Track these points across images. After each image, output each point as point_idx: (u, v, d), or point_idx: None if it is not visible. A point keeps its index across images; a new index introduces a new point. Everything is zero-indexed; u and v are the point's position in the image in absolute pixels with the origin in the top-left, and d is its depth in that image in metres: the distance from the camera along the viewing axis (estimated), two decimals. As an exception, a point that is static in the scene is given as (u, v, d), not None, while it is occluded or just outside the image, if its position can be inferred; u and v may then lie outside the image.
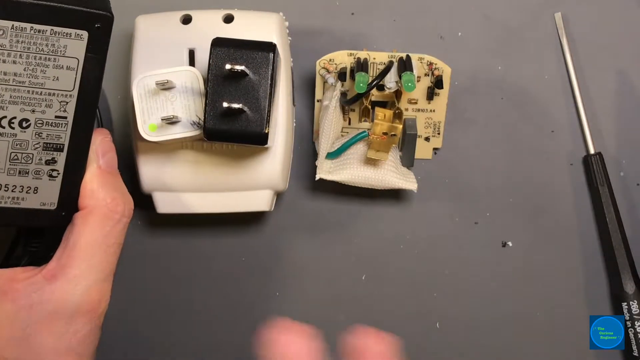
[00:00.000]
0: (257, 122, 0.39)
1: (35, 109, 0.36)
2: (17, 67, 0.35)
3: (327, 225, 0.51)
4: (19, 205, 0.37)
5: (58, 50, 0.35)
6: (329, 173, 0.46)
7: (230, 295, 0.51)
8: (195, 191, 0.45)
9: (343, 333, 0.33)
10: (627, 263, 0.49)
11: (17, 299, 0.37)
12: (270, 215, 0.51)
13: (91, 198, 0.38)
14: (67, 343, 0.37)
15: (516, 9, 0.49)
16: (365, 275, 0.51)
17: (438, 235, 0.50)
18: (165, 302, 0.51)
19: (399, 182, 0.46)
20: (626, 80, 0.49)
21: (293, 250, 0.51)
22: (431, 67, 0.47)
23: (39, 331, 0.37)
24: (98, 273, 0.38)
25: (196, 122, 0.40)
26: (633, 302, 0.49)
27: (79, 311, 0.37)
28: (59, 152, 0.37)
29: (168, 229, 0.50)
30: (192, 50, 0.43)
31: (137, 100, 0.40)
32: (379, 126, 0.44)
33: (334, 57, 0.47)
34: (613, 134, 0.50)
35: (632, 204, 0.50)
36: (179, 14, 0.44)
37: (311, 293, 0.51)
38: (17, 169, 0.37)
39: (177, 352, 0.51)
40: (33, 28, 0.35)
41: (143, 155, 0.44)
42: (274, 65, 0.39)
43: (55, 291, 0.37)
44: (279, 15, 0.45)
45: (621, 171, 0.50)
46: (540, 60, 0.49)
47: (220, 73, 0.39)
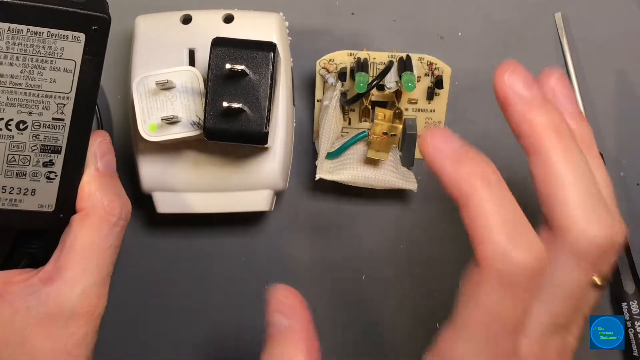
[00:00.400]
0: (257, 121, 0.39)
1: (33, 111, 0.36)
2: (13, 69, 0.35)
3: (327, 225, 0.51)
4: (16, 208, 0.37)
5: (55, 52, 0.35)
6: (329, 173, 0.46)
7: (230, 295, 0.51)
8: (195, 191, 0.45)
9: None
10: (627, 263, 0.49)
11: (13, 302, 0.37)
12: (270, 215, 0.51)
13: (88, 200, 0.38)
14: (63, 346, 0.37)
15: (516, 9, 0.49)
16: (365, 275, 0.51)
17: (438, 235, 0.50)
18: (165, 302, 0.51)
19: (399, 182, 0.46)
20: (626, 80, 0.49)
21: (293, 250, 0.51)
22: (431, 67, 0.47)
23: (35, 334, 0.37)
24: (95, 275, 0.38)
25: (196, 122, 0.40)
26: (633, 302, 0.49)
27: (75, 314, 0.37)
28: (57, 154, 0.37)
29: (168, 229, 0.50)
30: (192, 50, 0.43)
31: (137, 100, 0.40)
32: (379, 126, 0.44)
33: (334, 57, 0.47)
34: (613, 134, 0.50)
35: (632, 204, 0.50)
36: (179, 14, 0.44)
37: (311, 293, 0.51)
38: (14, 171, 0.37)
39: (176, 352, 0.51)
40: (30, 30, 0.34)
41: (143, 155, 0.44)
42: (274, 65, 0.39)
43: (51, 293, 0.37)
44: (279, 15, 0.45)
45: (621, 171, 0.50)
46: (540, 60, 0.49)
47: (220, 73, 0.39)
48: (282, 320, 0.35)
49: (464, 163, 0.31)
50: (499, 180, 0.31)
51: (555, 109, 0.33)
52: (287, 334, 0.35)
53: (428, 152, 0.32)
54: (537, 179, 0.32)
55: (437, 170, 0.32)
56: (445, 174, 0.31)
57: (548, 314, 0.33)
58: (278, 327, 0.35)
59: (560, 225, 0.31)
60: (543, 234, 0.32)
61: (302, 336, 0.35)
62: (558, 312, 0.33)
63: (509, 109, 0.33)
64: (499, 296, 0.30)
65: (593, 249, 0.31)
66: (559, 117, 0.32)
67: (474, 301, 0.31)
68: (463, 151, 0.32)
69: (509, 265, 0.30)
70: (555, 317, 0.33)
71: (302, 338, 0.35)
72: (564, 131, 0.32)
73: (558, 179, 0.31)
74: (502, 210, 0.30)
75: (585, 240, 0.31)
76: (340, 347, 0.51)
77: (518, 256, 0.30)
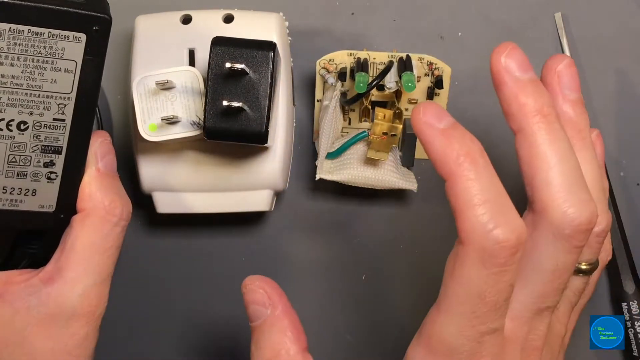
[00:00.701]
0: (257, 121, 0.39)
1: (33, 111, 0.36)
2: (14, 70, 0.35)
3: (327, 225, 0.51)
4: (17, 208, 0.37)
5: (56, 52, 0.35)
6: (329, 173, 0.46)
7: (231, 295, 0.51)
8: (195, 191, 0.45)
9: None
10: (627, 263, 0.49)
11: (13, 302, 0.37)
12: (270, 215, 0.51)
13: (89, 200, 0.38)
14: (64, 346, 0.37)
15: (516, 9, 0.49)
16: (365, 275, 0.51)
17: (438, 235, 0.50)
18: (165, 302, 0.51)
19: (399, 182, 0.46)
20: (626, 80, 0.49)
21: (293, 250, 0.51)
22: (431, 67, 0.47)
23: (35, 334, 0.37)
24: (95, 276, 0.38)
25: (196, 122, 0.40)
26: (633, 302, 0.49)
27: (76, 314, 0.37)
28: (58, 154, 0.37)
29: (168, 229, 0.50)
30: (192, 50, 0.43)
31: (137, 100, 0.40)
32: (379, 126, 0.44)
33: (334, 57, 0.47)
34: (613, 134, 0.50)
35: (632, 204, 0.50)
36: (179, 14, 0.44)
37: (311, 293, 0.51)
38: (15, 172, 0.37)
39: (176, 352, 0.51)
40: (31, 31, 0.34)
41: (143, 155, 0.44)
42: (274, 64, 0.39)
43: (52, 294, 0.37)
44: (279, 15, 0.45)
45: (621, 171, 0.50)
46: (540, 60, 0.49)
47: (220, 72, 0.39)
48: (261, 310, 0.36)
49: (452, 140, 0.32)
50: (485, 161, 0.33)
51: (546, 93, 0.34)
52: (270, 322, 0.36)
53: (420, 127, 0.33)
54: (522, 160, 0.34)
55: (426, 145, 0.33)
56: (434, 150, 0.33)
57: (531, 295, 0.34)
58: (260, 318, 0.36)
59: (542, 206, 0.33)
60: (527, 217, 0.34)
61: (287, 322, 0.36)
62: (541, 292, 0.34)
63: (501, 89, 0.34)
64: (480, 272, 0.31)
65: (573, 229, 0.32)
66: (548, 101, 0.34)
67: (457, 278, 0.32)
68: (453, 129, 0.33)
69: (490, 242, 0.31)
70: (538, 298, 0.34)
71: (287, 324, 0.36)
72: (551, 115, 0.33)
73: (542, 161, 0.33)
74: (486, 189, 0.32)
75: (565, 221, 0.32)
76: (340, 347, 0.51)
77: (499, 233, 0.31)
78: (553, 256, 0.33)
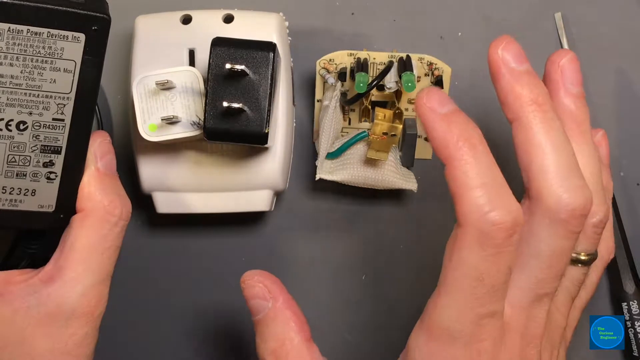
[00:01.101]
0: (257, 121, 0.39)
1: (33, 111, 0.36)
2: (13, 70, 0.35)
3: (327, 225, 0.51)
4: (16, 208, 0.37)
5: (55, 52, 0.35)
6: (329, 173, 0.46)
7: (231, 295, 0.51)
8: (195, 191, 0.45)
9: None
10: (627, 263, 0.49)
11: (13, 301, 0.37)
12: (270, 215, 0.51)
13: (88, 200, 0.38)
14: (63, 346, 0.37)
15: (516, 9, 0.49)
16: (365, 275, 0.51)
17: (438, 235, 0.50)
18: (165, 302, 0.51)
19: (399, 182, 0.46)
20: (626, 80, 0.49)
21: (293, 250, 0.51)
22: (431, 67, 0.47)
23: (35, 334, 0.37)
24: (95, 276, 0.38)
25: (196, 122, 0.40)
26: (633, 302, 0.49)
27: (75, 314, 0.37)
28: (57, 154, 0.37)
29: (168, 229, 0.50)
30: (192, 50, 0.43)
31: (137, 100, 0.40)
32: (379, 126, 0.44)
33: (334, 57, 0.47)
34: (613, 134, 0.50)
35: (632, 204, 0.50)
36: (179, 14, 0.44)
37: (311, 293, 0.51)
38: (14, 172, 0.37)
39: (176, 352, 0.51)
40: (30, 30, 0.34)
41: (143, 155, 0.44)
42: (274, 65, 0.39)
43: (51, 294, 0.37)
44: (279, 15, 0.45)
45: (621, 171, 0.50)
46: (540, 60, 0.49)
47: (220, 72, 0.39)
48: (262, 303, 0.37)
49: (453, 126, 0.33)
50: (484, 147, 0.33)
51: (541, 84, 0.35)
52: (273, 314, 0.37)
53: (423, 111, 0.34)
54: (518, 149, 0.35)
55: (428, 128, 0.34)
56: (435, 134, 0.34)
57: (529, 281, 0.35)
58: (262, 311, 0.37)
59: (538, 192, 0.34)
60: (524, 204, 0.35)
61: (289, 313, 0.37)
62: (539, 278, 0.35)
63: (498, 79, 0.35)
64: (478, 254, 0.32)
65: (568, 214, 0.33)
66: (543, 91, 0.35)
67: (455, 260, 0.33)
68: (454, 115, 0.34)
69: (487, 225, 0.32)
70: (537, 284, 0.35)
71: (290, 314, 0.37)
72: (546, 104, 0.34)
73: (537, 149, 0.34)
74: (483, 173, 0.33)
75: (560, 206, 0.33)
76: (340, 347, 0.51)
77: (495, 215, 0.32)
78: (550, 241, 0.34)
